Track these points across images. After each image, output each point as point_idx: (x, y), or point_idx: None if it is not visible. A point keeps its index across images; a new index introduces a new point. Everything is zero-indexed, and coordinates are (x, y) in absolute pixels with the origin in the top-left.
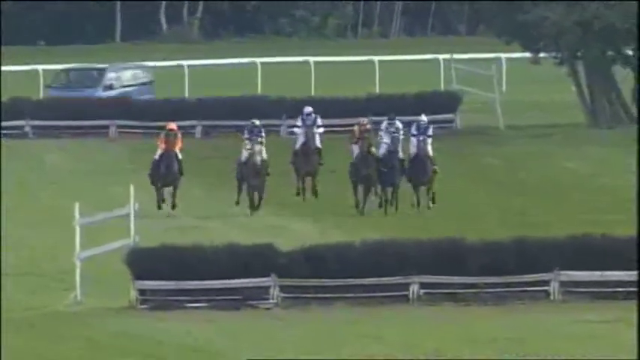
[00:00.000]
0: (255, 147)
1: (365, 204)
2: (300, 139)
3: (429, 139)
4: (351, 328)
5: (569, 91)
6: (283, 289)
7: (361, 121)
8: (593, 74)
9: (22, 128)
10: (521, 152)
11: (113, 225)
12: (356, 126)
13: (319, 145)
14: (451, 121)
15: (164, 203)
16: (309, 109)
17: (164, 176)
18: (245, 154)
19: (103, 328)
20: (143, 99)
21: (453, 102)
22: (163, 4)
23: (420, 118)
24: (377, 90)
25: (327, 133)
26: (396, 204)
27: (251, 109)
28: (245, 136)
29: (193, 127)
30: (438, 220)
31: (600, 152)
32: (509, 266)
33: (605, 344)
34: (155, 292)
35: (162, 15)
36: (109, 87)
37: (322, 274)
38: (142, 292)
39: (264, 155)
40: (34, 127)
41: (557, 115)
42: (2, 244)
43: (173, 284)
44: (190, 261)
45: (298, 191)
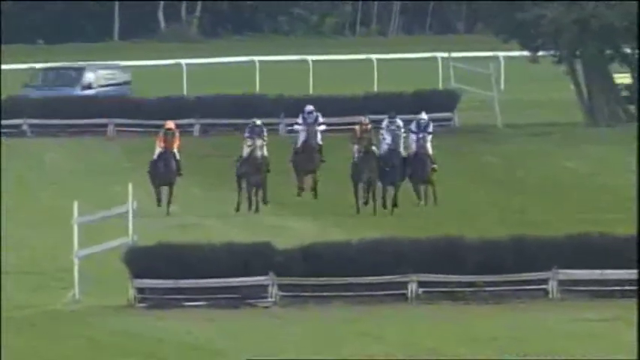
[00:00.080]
0: (257, 141)
1: (367, 202)
2: (301, 138)
3: (428, 137)
4: (350, 327)
5: (568, 89)
6: (281, 287)
7: (362, 121)
8: (592, 73)
9: (19, 127)
10: (520, 151)
11: (112, 224)
12: (357, 125)
13: (320, 142)
14: (449, 119)
15: (161, 202)
16: (310, 108)
17: (162, 175)
18: (246, 150)
19: (102, 326)
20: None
21: (452, 100)
22: (162, 3)
23: (420, 116)
24: (375, 88)
25: (325, 131)
26: (395, 202)
27: (249, 107)
28: (246, 134)
29: (192, 125)
30: (437, 218)
31: (599, 151)
32: (507, 265)
33: (604, 343)
34: (153, 290)
35: (161, 14)
36: (87, 86)
37: (320, 272)
38: (140, 290)
39: (265, 152)
40: (31, 125)
41: (556, 113)
42: (2, 243)
43: (171, 283)
44: (189, 260)
45: (299, 192)
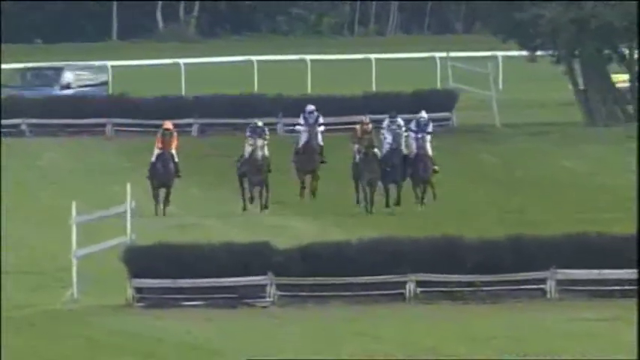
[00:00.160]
0: (258, 141)
1: (371, 205)
2: (303, 138)
3: (427, 137)
4: (348, 326)
5: (566, 89)
6: (280, 287)
7: (363, 120)
8: (590, 72)
9: (18, 127)
10: (518, 150)
11: (110, 223)
12: (358, 125)
13: (321, 143)
14: (448, 119)
15: (160, 205)
16: (311, 107)
17: (160, 176)
18: (248, 150)
19: (100, 326)
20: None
21: (450, 100)
22: (160, 3)
23: (420, 115)
24: (373, 88)
25: (324, 131)
26: (398, 200)
27: (248, 107)
28: (247, 134)
29: (190, 125)
30: (435, 218)
31: (597, 150)
32: (505, 264)
33: (602, 343)
34: (152, 290)
35: (159, 14)
36: (66, 86)
37: (319, 272)
38: (138, 290)
39: (266, 152)
40: (30, 125)
41: (554, 113)
42: (1, 243)
43: (170, 282)
44: (187, 259)
45: (302, 193)
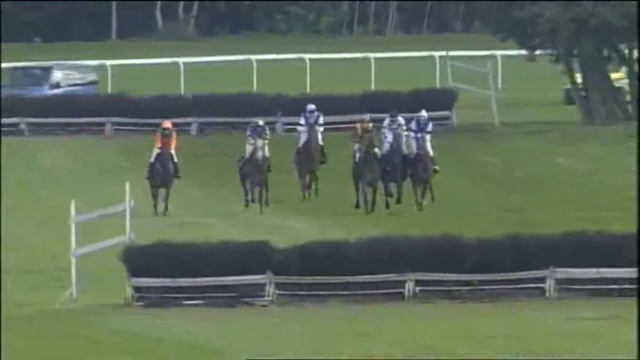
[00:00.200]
0: (258, 142)
1: (372, 205)
2: (303, 138)
3: (427, 136)
4: (347, 325)
5: (565, 88)
6: (278, 286)
7: (363, 119)
8: (589, 72)
9: (17, 126)
10: (517, 149)
11: (109, 222)
12: (358, 124)
13: (321, 142)
14: (447, 118)
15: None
16: (312, 107)
17: (160, 176)
18: (249, 149)
19: (100, 325)
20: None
21: (449, 99)
22: (159, 3)
23: (420, 114)
24: (373, 87)
25: (323, 130)
26: (399, 198)
27: (247, 106)
28: (248, 133)
29: (189, 124)
30: (435, 217)
31: (596, 149)
32: (504, 263)
33: (601, 341)
34: (151, 289)
35: (158, 12)
36: (56, 86)
37: (318, 271)
38: (137, 289)
39: (267, 152)
40: (29, 124)
41: (553, 112)
42: (1, 242)
43: (169, 281)
44: (186, 258)
45: (304, 193)
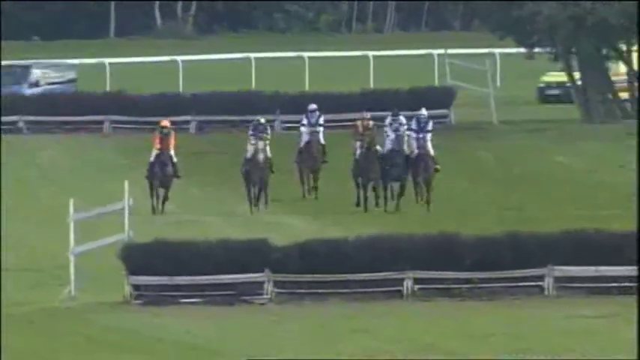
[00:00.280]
0: (259, 144)
1: (376, 202)
2: (304, 138)
3: (428, 135)
4: (346, 324)
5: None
6: (277, 284)
7: (364, 116)
8: (587, 70)
9: (15, 124)
10: (516, 147)
11: (108, 221)
12: (359, 121)
13: (323, 142)
14: (445, 116)
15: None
16: (314, 106)
17: (159, 178)
18: (251, 150)
19: (98, 323)
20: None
21: (448, 97)
22: (157, 2)
23: (420, 112)
24: (371, 85)
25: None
26: (402, 192)
27: (245, 104)
28: (250, 132)
29: (187, 122)
30: (434, 215)
31: (595, 148)
32: (503, 261)
33: (601, 340)
34: (149, 287)
35: (157, 11)
36: (35, 84)
37: (316, 269)
38: (136, 287)
39: (268, 153)
40: (27, 122)
41: (551, 110)
42: (1, 241)
43: (167, 279)
44: (184, 256)
45: (305, 193)
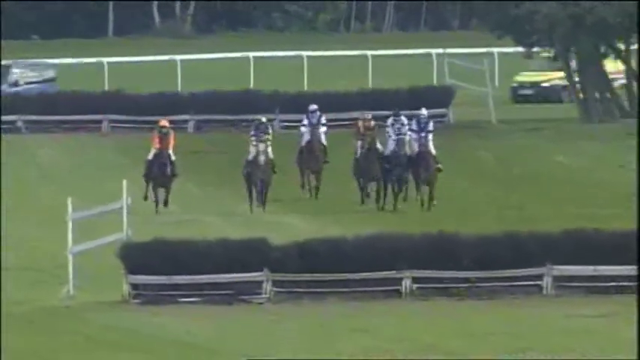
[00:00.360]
0: (260, 146)
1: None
2: (305, 138)
3: (429, 135)
4: (344, 323)
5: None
6: (276, 283)
7: (365, 117)
8: (586, 69)
9: (14, 123)
10: (515, 147)
11: (107, 220)
12: (360, 121)
13: (325, 142)
14: (444, 115)
15: (158, 205)
16: (314, 107)
17: (156, 178)
18: (252, 152)
19: (98, 323)
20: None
21: (446, 96)
22: (156, 2)
23: (420, 113)
24: (370, 84)
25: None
26: (404, 195)
27: (244, 103)
28: (251, 132)
29: (186, 121)
30: (434, 215)
31: (594, 147)
32: (502, 261)
33: (600, 339)
34: (148, 286)
35: (155, 10)
36: (14, 83)
37: (315, 268)
38: (134, 286)
39: (270, 154)
40: (26, 122)
41: (550, 109)
42: (0, 240)
43: (166, 279)
44: (183, 255)
45: (303, 184)
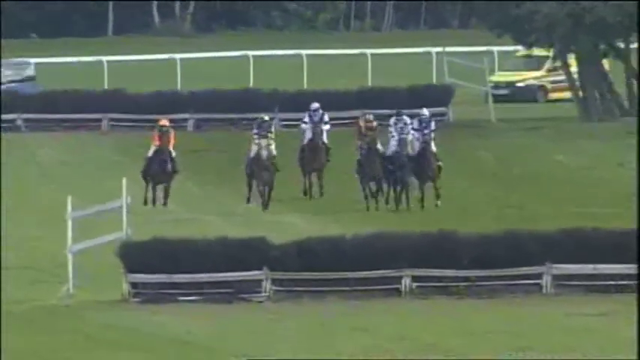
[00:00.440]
0: (262, 141)
1: (385, 199)
2: (307, 136)
3: (432, 134)
4: (344, 321)
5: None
6: (275, 282)
7: (367, 117)
8: (585, 67)
9: (14, 122)
10: (514, 146)
11: (106, 218)
12: (361, 121)
13: (326, 141)
14: (444, 114)
15: (153, 203)
16: (316, 105)
17: (156, 175)
18: (254, 149)
19: (97, 321)
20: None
21: (446, 95)
22: (155, 2)
23: (421, 112)
24: (369, 83)
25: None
26: (407, 201)
27: (243, 102)
28: (254, 130)
29: (185, 120)
30: (433, 214)
31: (594, 146)
32: (501, 259)
33: (600, 337)
34: (147, 285)
35: (155, 9)
36: None
37: (314, 267)
38: (134, 285)
39: (273, 151)
40: (26, 120)
41: (549, 108)
42: (0, 240)
43: (165, 277)
44: (183, 254)
45: (305, 191)
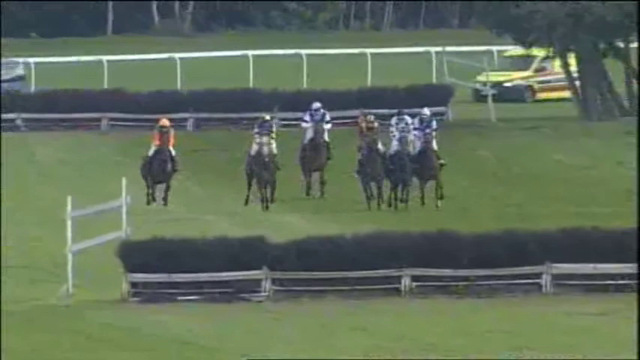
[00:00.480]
0: (263, 138)
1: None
2: (309, 134)
3: (433, 133)
4: (344, 321)
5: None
6: (275, 281)
7: (368, 118)
8: (585, 67)
9: (13, 121)
10: (514, 145)
11: (106, 218)
12: (363, 122)
13: (327, 139)
14: (443, 113)
15: (154, 201)
16: (318, 105)
17: (156, 174)
18: (255, 148)
19: (97, 321)
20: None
21: (445, 94)
22: (155, 2)
23: (422, 112)
24: (369, 83)
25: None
26: (406, 199)
27: (243, 101)
28: (255, 130)
29: (185, 119)
30: (433, 213)
31: (594, 146)
32: (501, 259)
33: (599, 337)
34: (147, 285)
35: (155, 9)
36: None
37: (314, 266)
38: (133, 285)
39: (274, 150)
40: (25, 120)
41: (549, 107)
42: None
43: (165, 277)
44: (182, 254)
45: (308, 190)
